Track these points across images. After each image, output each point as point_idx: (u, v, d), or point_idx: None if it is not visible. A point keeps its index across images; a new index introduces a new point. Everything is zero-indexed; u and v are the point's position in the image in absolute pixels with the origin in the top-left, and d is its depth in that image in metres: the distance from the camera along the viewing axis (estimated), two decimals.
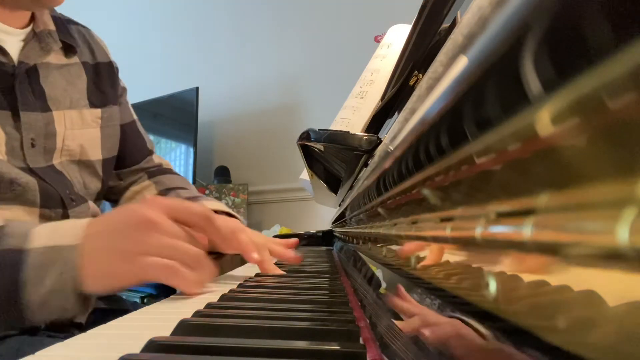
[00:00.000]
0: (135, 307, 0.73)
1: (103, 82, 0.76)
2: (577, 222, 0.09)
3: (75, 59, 0.72)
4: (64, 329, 0.54)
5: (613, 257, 0.08)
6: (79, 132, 0.70)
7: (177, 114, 2.22)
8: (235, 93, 2.26)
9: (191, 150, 2.13)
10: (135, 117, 0.86)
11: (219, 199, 2.01)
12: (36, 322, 0.45)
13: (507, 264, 0.14)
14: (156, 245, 0.44)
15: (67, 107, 0.69)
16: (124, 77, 0.85)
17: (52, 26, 0.69)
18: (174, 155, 2.29)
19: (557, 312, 0.11)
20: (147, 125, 0.95)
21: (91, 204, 0.72)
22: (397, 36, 0.76)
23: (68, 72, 0.70)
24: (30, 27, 0.67)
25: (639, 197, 0.08)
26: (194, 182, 2.08)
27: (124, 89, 0.84)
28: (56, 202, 0.64)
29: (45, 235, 0.45)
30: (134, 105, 0.89)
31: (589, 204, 0.09)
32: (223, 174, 2.13)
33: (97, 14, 2.60)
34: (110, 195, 0.83)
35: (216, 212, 0.65)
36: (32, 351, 0.27)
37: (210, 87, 2.21)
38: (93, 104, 0.73)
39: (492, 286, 0.15)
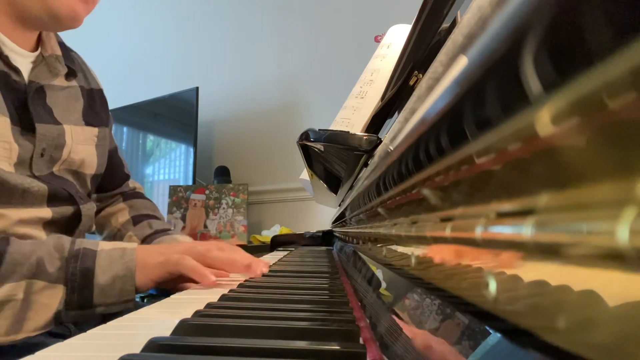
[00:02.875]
0: (135, 307, 0.75)
1: (97, 106, 0.83)
2: (577, 222, 0.09)
3: (74, 83, 0.79)
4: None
5: (613, 257, 0.08)
6: (82, 147, 0.77)
7: (177, 114, 2.22)
8: (235, 93, 2.25)
9: (191, 150, 2.13)
10: (116, 144, 0.95)
11: (218, 199, 2.01)
12: (99, 304, 0.58)
13: (507, 264, 0.14)
14: (178, 249, 0.63)
15: (73, 123, 0.76)
16: (124, 77, 0.87)
17: (58, 51, 0.76)
18: (174, 155, 2.29)
19: (557, 312, 0.11)
20: (147, 125, 1.00)
21: (93, 203, 0.81)
22: (397, 36, 0.76)
23: (68, 94, 0.77)
24: (39, 51, 0.72)
25: (639, 197, 0.08)
26: (194, 182, 2.08)
27: (112, 118, 0.92)
28: (66, 200, 0.72)
29: (110, 243, 0.62)
30: (133, 105, 0.98)
31: (589, 204, 0.09)
32: (223, 174, 2.13)
33: (97, 14, 2.59)
34: None
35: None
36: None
37: (210, 87, 2.21)
38: (89, 124, 0.80)
39: (492, 286, 0.15)
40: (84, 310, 0.57)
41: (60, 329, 0.62)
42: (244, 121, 2.23)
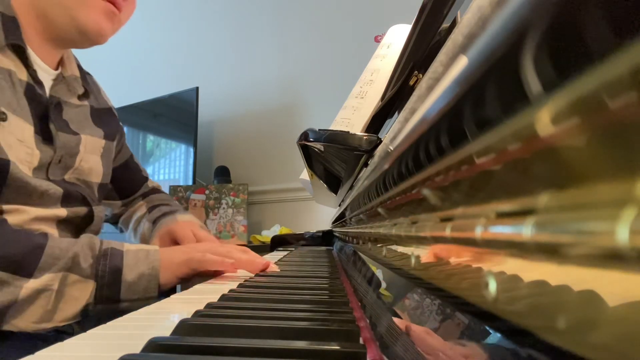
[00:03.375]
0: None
1: (103, 123, 0.90)
2: (577, 222, 0.09)
3: (85, 102, 0.86)
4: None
5: (613, 257, 0.08)
6: (91, 157, 0.84)
7: (177, 114, 2.22)
8: (235, 93, 2.25)
9: (191, 150, 2.13)
10: (131, 152, 1.04)
11: (218, 199, 2.01)
12: (125, 299, 0.63)
13: (507, 264, 0.14)
14: (207, 248, 0.70)
15: (88, 134, 0.84)
16: (125, 77, 0.89)
17: (77, 73, 0.85)
18: (174, 155, 2.29)
19: (557, 312, 0.11)
20: (147, 125, 1.04)
21: (102, 206, 0.88)
22: (397, 36, 0.76)
23: (81, 112, 0.85)
24: (59, 70, 0.80)
25: (639, 197, 0.08)
26: (194, 182, 2.08)
27: (123, 133, 1.00)
28: (79, 201, 0.79)
29: (134, 245, 0.68)
30: (134, 105, 1.04)
31: (589, 204, 0.09)
32: (223, 174, 2.13)
33: None
34: (111, 219, 1.04)
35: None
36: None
37: (210, 87, 2.21)
38: (98, 135, 0.88)
39: (492, 286, 0.15)
40: (110, 304, 0.62)
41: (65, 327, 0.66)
42: (244, 121, 2.23)
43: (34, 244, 0.59)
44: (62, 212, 0.75)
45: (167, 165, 2.31)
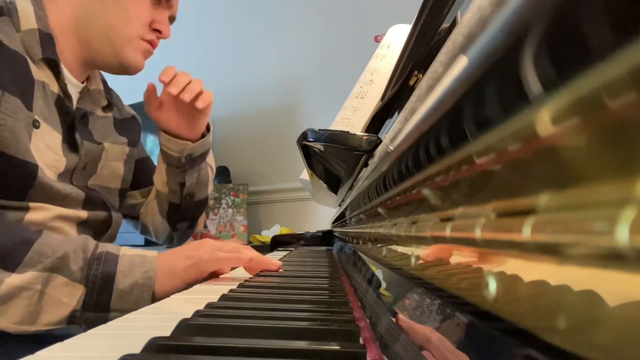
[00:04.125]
0: None
1: (127, 129, 0.97)
2: (577, 222, 0.09)
3: (109, 114, 0.92)
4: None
5: (613, 257, 0.08)
6: (113, 163, 0.89)
7: None
8: (235, 93, 2.25)
9: None
10: (148, 154, 1.08)
11: (219, 199, 2.01)
12: (116, 309, 0.58)
13: (507, 264, 0.14)
14: (206, 250, 0.65)
15: (111, 142, 0.89)
16: (124, 78, 0.91)
17: (101, 87, 0.90)
18: None
19: (557, 312, 0.11)
20: (147, 125, 1.06)
21: (120, 214, 0.91)
22: (397, 36, 0.76)
23: (104, 123, 0.90)
24: (84, 84, 0.85)
25: (639, 197, 0.08)
26: None
27: (141, 134, 1.05)
28: (99, 206, 0.82)
29: (131, 250, 0.64)
30: (133, 105, 1.08)
31: (589, 204, 0.09)
32: (223, 174, 2.13)
33: None
34: (133, 212, 1.06)
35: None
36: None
37: (210, 87, 2.21)
38: (122, 143, 0.93)
39: (492, 286, 0.15)
40: (99, 313, 0.58)
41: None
42: (244, 121, 2.23)
43: (24, 238, 0.57)
44: (83, 213, 0.78)
45: None
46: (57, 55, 0.75)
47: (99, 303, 0.58)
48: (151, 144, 2.39)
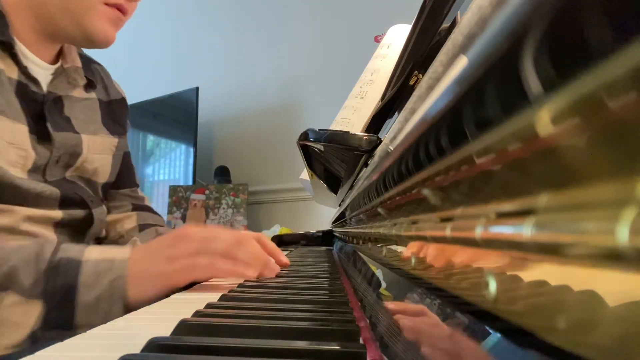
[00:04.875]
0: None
1: (116, 116, 0.86)
2: (577, 222, 0.09)
3: (92, 94, 0.81)
4: None
5: (613, 257, 0.08)
6: (98, 157, 0.79)
7: (177, 114, 2.22)
8: (235, 93, 2.25)
9: (191, 150, 2.13)
10: (129, 150, 0.95)
11: (219, 199, 2.01)
12: (82, 324, 0.50)
13: (507, 264, 0.14)
14: (192, 248, 0.54)
15: (92, 133, 0.78)
16: (124, 77, 0.88)
17: (78, 63, 0.78)
18: (174, 155, 2.29)
19: (557, 312, 0.11)
20: (147, 125, 1.02)
21: (105, 207, 0.82)
22: (397, 36, 0.76)
23: (87, 106, 0.79)
24: (59, 63, 0.75)
25: (639, 197, 0.08)
26: (194, 182, 2.08)
27: (129, 124, 0.93)
28: (77, 203, 0.73)
29: (98, 251, 0.54)
30: (133, 105, 1.02)
31: (589, 204, 0.09)
32: (223, 174, 2.13)
33: None
34: None
35: None
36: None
37: (210, 87, 2.21)
38: (111, 133, 0.83)
39: (492, 286, 0.15)
40: (64, 330, 0.50)
41: None
42: (244, 121, 2.23)
43: None
44: (57, 214, 0.70)
45: (167, 165, 2.31)
46: (9, 37, 0.66)
47: (62, 320, 0.49)
48: (151, 144, 2.39)
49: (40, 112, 0.69)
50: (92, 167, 0.78)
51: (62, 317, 0.49)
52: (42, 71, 0.72)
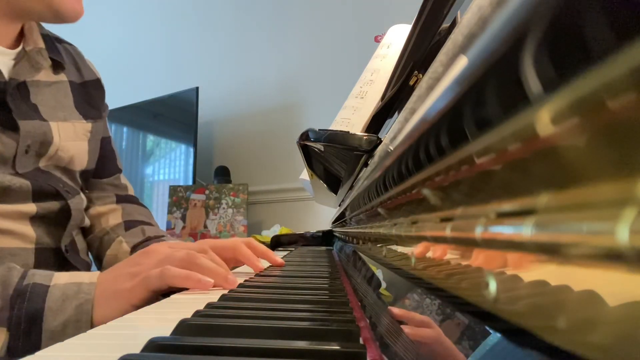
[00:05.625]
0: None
1: (92, 99, 0.81)
2: (577, 222, 0.09)
3: (62, 77, 0.76)
4: None
5: (613, 257, 0.08)
6: (72, 144, 0.75)
7: (177, 114, 2.22)
8: (235, 93, 2.25)
9: (191, 150, 2.13)
10: (111, 135, 0.90)
11: (219, 199, 2.01)
12: None
13: (507, 264, 0.14)
14: (154, 261, 0.53)
15: (62, 119, 0.74)
16: (124, 78, 0.88)
17: (41, 44, 0.73)
18: (174, 155, 2.29)
19: (557, 312, 0.11)
20: (147, 125, 0.99)
21: (83, 196, 0.77)
22: (397, 36, 0.76)
23: (56, 89, 0.75)
24: (21, 47, 0.70)
25: (639, 197, 0.08)
26: (194, 182, 2.08)
27: (107, 107, 0.88)
28: (52, 195, 0.69)
29: (67, 276, 0.52)
30: (134, 106, 0.99)
31: (589, 204, 0.09)
32: (223, 174, 2.13)
33: (97, 14, 2.60)
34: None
35: None
36: None
37: (210, 87, 2.21)
38: (84, 117, 0.78)
39: (492, 286, 0.15)
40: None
41: None
42: (244, 121, 2.23)
43: None
44: (31, 208, 0.66)
45: (167, 165, 2.31)
46: None
47: (27, 347, 0.47)
48: (151, 144, 2.39)
49: (3, 101, 0.66)
50: (68, 155, 0.74)
51: (27, 345, 0.47)
52: (2, 57, 0.68)
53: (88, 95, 0.80)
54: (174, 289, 0.52)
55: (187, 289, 0.52)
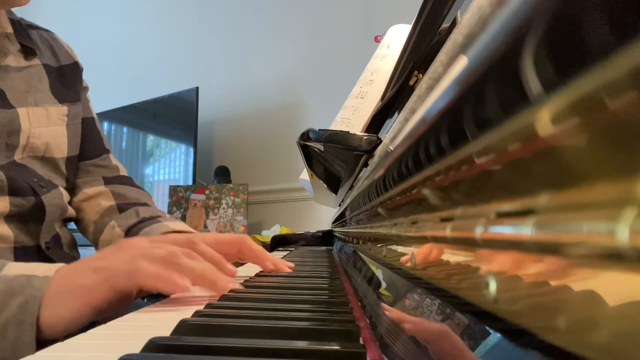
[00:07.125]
0: (135, 306, 0.73)
1: (69, 82, 0.77)
2: (577, 222, 0.09)
3: (36, 61, 0.73)
4: None
5: (613, 257, 0.08)
6: (45, 130, 0.70)
7: (177, 114, 2.22)
8: (235, 93, 2.25)
9: (191, 150, 2.13)
10: (95, 116, 0.84)
11: (219, 199, 2.01)
12: None
13: (507, 264, 0.14)
14: (127, 256, 0.44)
15: (32, 104, 0.70)
16: (124, 78, 0.87)
17: (9, 29, 0.70)
18: (174, 155, 2.29)
19: (557, 312, 0.11)
20: (147, 125, 0.98)
21: (62, 190, 0.72)
22: (397, 36, 0.76)
23: (28, 74, 0.71)
24: None
25: (639, 197, 0.08)
26: (194, 182, 2.08)
27: (86, 88, 0.84)
28: (26, 190, 0.65)
29: (22, 267, 0.44)
30: (133, 106, 0.97)
31: (589, 204, 0.09)
32: (223, 174, 2.13)
33: (97, 14, 2.60)
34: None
35: (179, 232, 0.67)
36: None
37: (210, 87, 2.21)
38: (59, 101, 0.74)
39: (492, 286, 0.15)
40: None
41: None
42: (244, 121, 2.23)
43: None
44: (5, 206, 0.61)
45: (167, 165, 2.31)
46: None
47: None
48: (151, 144, 2.39)
49: None
50: (41, 142, 0.69)
51: None
52: None
53: (64, 77, 0.77)
54: (152, 292, 0.45)
55: (165, 295, 0.45)
